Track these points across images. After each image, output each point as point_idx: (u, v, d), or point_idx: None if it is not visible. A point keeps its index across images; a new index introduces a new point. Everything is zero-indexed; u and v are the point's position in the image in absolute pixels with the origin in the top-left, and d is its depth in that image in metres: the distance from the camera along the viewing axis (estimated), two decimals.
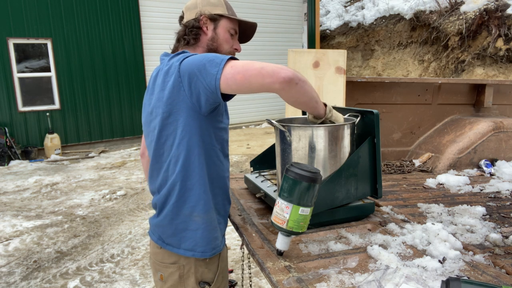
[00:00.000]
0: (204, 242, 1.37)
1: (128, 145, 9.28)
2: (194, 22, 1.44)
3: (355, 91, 3.26)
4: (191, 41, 1.45)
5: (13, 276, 3.36)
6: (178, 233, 1.37)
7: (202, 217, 1.35)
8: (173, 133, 1.32)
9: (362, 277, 1.11)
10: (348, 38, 12.52)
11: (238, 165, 6.87)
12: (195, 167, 1.33)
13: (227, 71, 1.18)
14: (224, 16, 1.46)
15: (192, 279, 1.39)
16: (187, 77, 1.24)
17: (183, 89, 1.26)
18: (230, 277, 3.21)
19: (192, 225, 1.36)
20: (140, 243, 3.96)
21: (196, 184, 1.33)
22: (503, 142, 3.21)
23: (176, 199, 1.34)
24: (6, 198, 5.55)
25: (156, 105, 1.35)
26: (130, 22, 9.17)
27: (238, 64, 1.19)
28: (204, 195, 1.35)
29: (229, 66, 1.18)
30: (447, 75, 9.81)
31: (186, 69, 1.24)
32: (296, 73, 1.20)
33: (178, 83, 1.26)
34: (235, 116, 11.14)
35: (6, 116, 7.97)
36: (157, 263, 1.44)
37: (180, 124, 1.30)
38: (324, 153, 1.47)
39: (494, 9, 8.96)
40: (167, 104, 1.30)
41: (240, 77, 1.17)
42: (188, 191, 1.34)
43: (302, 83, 1.21)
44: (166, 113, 1.31)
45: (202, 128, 1.31)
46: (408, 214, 1.73)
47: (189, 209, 1.35)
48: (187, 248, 1.37)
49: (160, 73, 1.35)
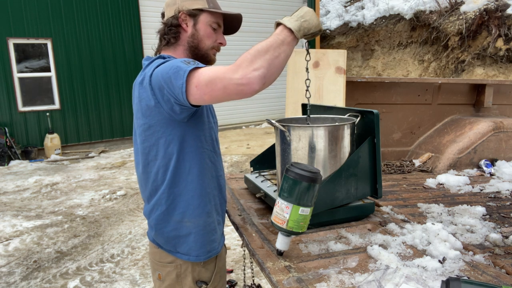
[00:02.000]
0: (197, 246, 1.37)
1: (128, 145, 9.28)
2: (172, 20, 1.38)
3: (355, 91, 3.26)
4: (171, 40, 1.40)
5: (13, 276, 3.36)
6: (170, 240, 1.37)
7: (193, 222, 1.35)
8: (155, 144, 1.30)
9: (362, 277, 1.11)
10: (348, 38, 12.52)
11: (238, 165, 6.87)
12: (184, 173, 1.31)
13: (192, 90, 1.11)
14: (204, 10, 1.38)
15: (189, 278, 1.40)
16: (158, 90, 1.21)
17: (157, 100, 1.23)
18: (230, 277, 3.21)
19: (183, 231, 1.35)
20: (140, 243, 3.96)
21: (184, 190, 1.33)
22: (503, 142, 3.21)
23: (165, 206, 1.34)
24: (6, 198, 5.55)
25: (136, 116, 1.33)
26: (130, 22, 9.17)
27: (202, 83, 1.10)
28: (193, 200, 1.34)
29: (194, 86, 1.11)
30: (447, 75, 9.81)
31: (155, 81, 1.21)
32: (245, 69, 1.06)
33: (151, 95, 1.23)
34: (235, 116, 11.14)
35: (6, 116, 7.97)
36: (155, 263, 1.45)
37: (162, 134, 1.27)
38: (324, 153, 1.47)
39: (494, 9, 8.95)
40: (145, 116, 1.28)
41: (208, 97, 1.11)
42: (177, 198, 1.33)
43: (258, 66, 1.06)
44: (146, 125, 1.29)
45: (186, 134, 1.29)
46: (408, 214, 1.73)
47: (180, 215, 1.34)
48: (183, 252, 1.38)
49: (136, 84, 1.32)
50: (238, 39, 10.49)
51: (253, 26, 11.09)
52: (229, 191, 2.05)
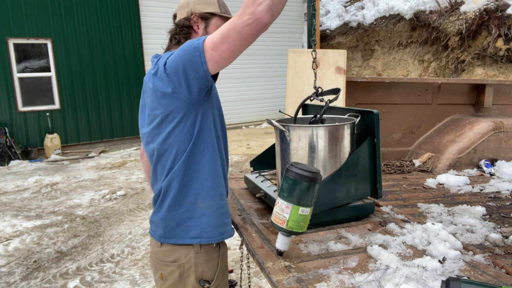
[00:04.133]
0: (210, 227, 1.38)
1: (128, 145, 9.27)
2: (185, 21, 1.44)
3: (355, 91, 3.26)
4: (181, 40, 1.44)
5: (13, 276, 3.36)
6: (183, 222, 1.38)
7: (206, 203, 1.37)
8: (173, 131, 1.33)
9: (362, 277, 1.11)
10: (348, 38, 12.52)
11: (238, 165, 6.87)
12: (198, 156, 1.35)
13: (211, 55, 1.17)
14: (216, 14, 1.44)
15: (192, 278, 1.40)
16: (174, 74, 1.26)
17: (173, 86, 1.27)
18: (230, 277, 3.21)
19: (197, 213, 1.37)
20: (140, 243, 3.96)
21: (197, 172, 1.36)
22: (503, 142, 3.21)
23: (178, 189, 1.36)
24: (6, 198, 5.55)
25: (152, 107, 1.36)
26: (130, 22, 9.17)
27: (217, 43, 1.16)
28: (206, 182, 1.37)
29: (211, 50, 1.17)
30: (447, 75, 9.81)
31: (170, 67, 1.26)
32: (250, 8, 1.09)
33: (167, 82, 1.28)
34: (235, 116, 11.14)
35: (6, 116, 7.97)
36: (157, 262, 1.45)
37: (179, 120, 1.32)
38: (324, 153, 1.47)
39: (494, 9, 8.95)
40: (162, 105, 1.31)
41: (228, 53, 1.16)
42: (190, 180, 1.36)
43: (260, 0, 1.09)
44: (164, 114, 1.32)
45: (203, 117, 1.34)
46: (408, 214, 1.73)
47: (193, 196, 1.37)
48: (193, 236, 1.38)
49: (150, 76, 1.36)
50: None
51: None
52: (229, 191, 2.05)
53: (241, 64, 11.04)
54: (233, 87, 11.01)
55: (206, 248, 1.41)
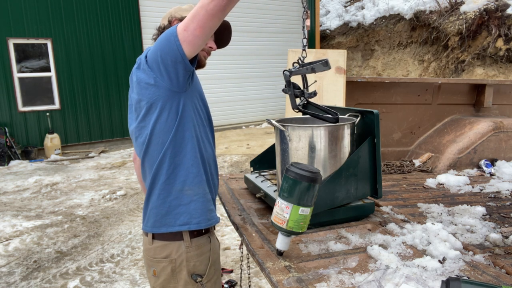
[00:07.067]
0: (198, 213, 1.42)
1: (128, 145, 9.27)
2: (166, 25, 1.53)
3: (355, 91, 3.26)
4: None
5: (13, 276, 3.36)
6: (172, 210, 1.41)
7: (193, 190, 1.42)
8: (158, 120, 1.38)
9: (362, 277, 1.11)
10: (348, 38, 12.52)
11: (238, 165, 6.87)
12: (184, 143, 1.40)
13: (184, 36, 1.24)
14: None
15: (184, 272, 1.42)
16: (155, 64, 1.33)
17: (155, 76, 1.34)
18: (230, 277, 3.21)
19: (185, 199, 1.41)
20: (140, 243, 3.96)
21: (183, 159, 1.40)
22: (503, 142, 3.21)
23: (166, 176, 1.40)
24: (6, 198, 5.55)
25: (137, 100, 1.41)
26: (130, 22, 9.16)
27: (187, 23, 1.23)
28: (192, 168, 1.41)
29: (183, 30, 1.24)
30: (447, 75, 9.81)
31: (151, 58, 1.34)
32: None
33: (150, 73, 1.35)
34: (235, 116, 11.14)
35: (6, 116, 7.97)
36: (149, 259, 1.47)
37: (163, 108, 1.37)
38: (324, 153, 1.47)
39: (494, 9, 8.95)
40: (145, 96, 1.37)
41: (199, 31, 1.22)
42: (177, 167, 1.40)
43: None
44: (148, 104, 1.37)
45: (185, 104, 1.39)
46: (408, 214, 1.74)
47: (181, 184, 1.41)
48: (182, 223, 1.41)
49: (133, 71, 1.43)
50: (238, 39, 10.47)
51: (253, 26, 11.09)
52: (229, 191, 2.05)
53: (241, 64, 11.04)
54: (233, 87, 11.01)
55: (197, 242, 1.44)
